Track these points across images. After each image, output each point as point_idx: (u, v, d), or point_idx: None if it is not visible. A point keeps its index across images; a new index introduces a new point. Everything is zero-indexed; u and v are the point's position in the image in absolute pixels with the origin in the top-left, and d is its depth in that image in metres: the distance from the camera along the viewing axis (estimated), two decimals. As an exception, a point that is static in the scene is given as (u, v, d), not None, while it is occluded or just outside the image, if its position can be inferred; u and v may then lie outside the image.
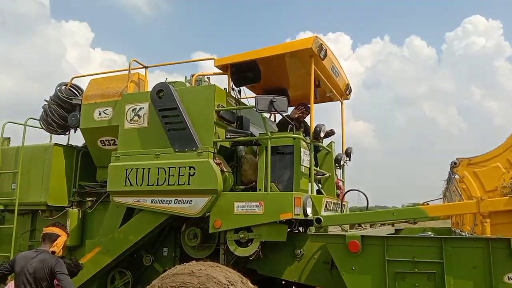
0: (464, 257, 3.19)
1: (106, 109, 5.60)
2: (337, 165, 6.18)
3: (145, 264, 5.44)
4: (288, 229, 4.89)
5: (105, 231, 5.44)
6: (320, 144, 5.58)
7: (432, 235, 5.02)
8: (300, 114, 5.81)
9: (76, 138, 6.30)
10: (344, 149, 6.45)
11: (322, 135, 5.16)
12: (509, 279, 3.05)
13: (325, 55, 5.21)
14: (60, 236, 3.93)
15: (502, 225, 3.37)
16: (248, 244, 4.66)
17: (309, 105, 5.36)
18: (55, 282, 3.71)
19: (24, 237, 6.01)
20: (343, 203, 5.85)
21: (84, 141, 6.05)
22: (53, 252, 3.84)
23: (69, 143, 6.33)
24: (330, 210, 5.41)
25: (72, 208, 5.81)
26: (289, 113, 5.53)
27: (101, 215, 5.69)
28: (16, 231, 5.76)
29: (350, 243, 3.41)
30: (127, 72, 5.67)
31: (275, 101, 4.59)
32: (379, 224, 6.11)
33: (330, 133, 5.80)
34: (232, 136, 4.99)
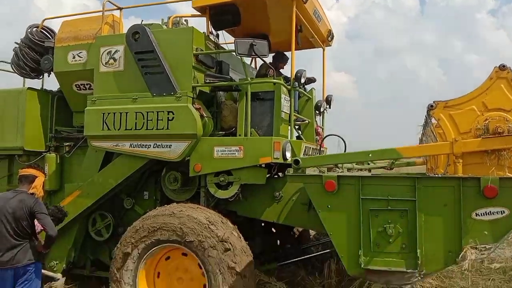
0: (436, 195, 3.32)
1: (80, 52, 5.40)
2: (317, 112, 6.22)
3: (126, 207, 5.48)
4: (268, 175, 4.98)
5: (84, 176, 5.42)
6: (301, 90, 5.56)
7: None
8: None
9: (51, 83, 6.12)
10: (325, 96, 6.47)
11: (302, 80, 5.14)
12: (476, 215, 3.21)
13: (307, -2, 5.08)
14: (37, 177, 3.90)
15: (474, 165, 3.49)
16: (228, 187, 4.73)
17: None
18: (36, 222, 3.72)
19: (1, 182, 5.94)
20: (322, 149, 5.94)
21: (59, 86, 5.88)
22: (33, 194, 3.83)
23: (43, 87, 6.15)
24: (309, 155, 5.49)
25: (50, 153, 5.73)
26: (268, 58, 5.46)
27: (79, 159, 5.63)
28: (-7, 176, 5.70)
29: (326, 182, 3.50)
30: (101, 13, 5.44)
31: (255, 45, 4.51)
32: (356, 170, 6.26)
33: (311, 80, 5.78)
34: (211, 81, 4.92)
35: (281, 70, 6.08)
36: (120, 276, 4.55)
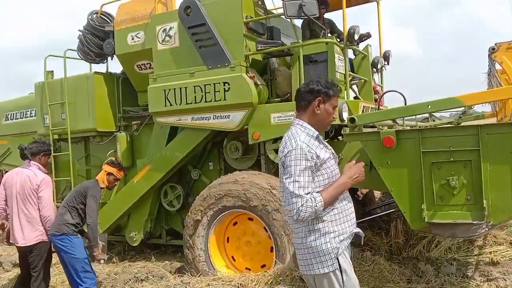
0: (501, 143, 3.13)
1: (138, 33, 5.64)
2: (374, 69, 6.02)
3: (193, 178, 5.78)
4: (327, 139, 4.96)
5: (153, 151, 5.76)
6: (355, 47, 5.42)
7: None
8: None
9: (116, 66, 6.48)
10: (382, 53, 6.23)
11: (356, 37, 4.99)
12: (545, 161, 3.00)
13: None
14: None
15: (543, 108, 3.26)
16: (288, 152, 4.79)
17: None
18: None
19: (80, 162, 6.50)
20: (382, 107, 5.77)
21: (122, 68, 6.22)
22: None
23: (108, 70, 6.53)
24: (368, 115, 5.37)
25: (120, 132, 6.14)
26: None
27: (147, 136, 5.99)
28: (72, 157, 6.21)
29: (384, 138, 3.43)
30: (153, -7, 5.62)
31: (304, 5, 4.44)
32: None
33: (365, 36, 5.58)
34: (263, 48, 4.95)
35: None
36: (193, 242, 4.85)
